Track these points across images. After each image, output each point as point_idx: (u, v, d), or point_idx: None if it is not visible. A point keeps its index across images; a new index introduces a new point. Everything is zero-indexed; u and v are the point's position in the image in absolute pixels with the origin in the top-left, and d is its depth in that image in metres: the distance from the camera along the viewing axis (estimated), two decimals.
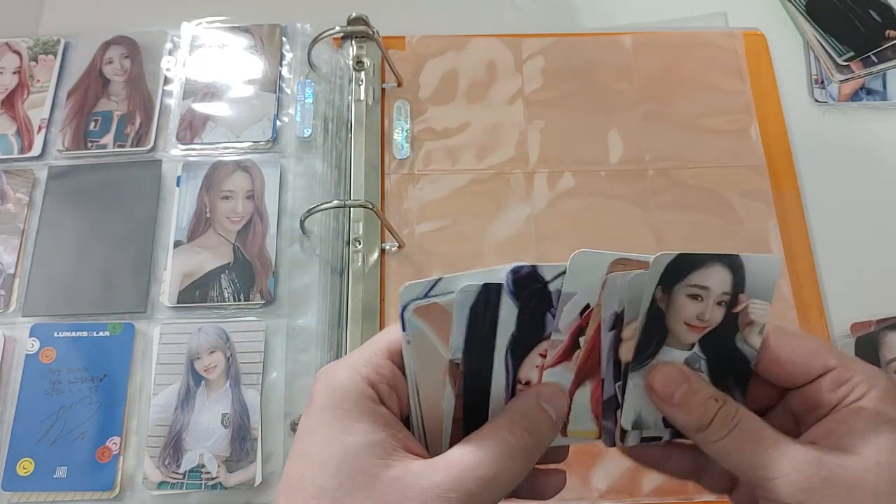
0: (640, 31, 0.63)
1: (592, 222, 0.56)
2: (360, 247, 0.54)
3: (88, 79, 0.61)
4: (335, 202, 0.54)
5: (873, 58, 0.61)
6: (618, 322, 0.32)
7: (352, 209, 0.55)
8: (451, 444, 0.31)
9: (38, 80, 0.61)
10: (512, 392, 0.32)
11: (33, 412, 0.50)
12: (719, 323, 0.33)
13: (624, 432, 0.35)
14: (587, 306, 0.31)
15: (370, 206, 0.53)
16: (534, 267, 0.30)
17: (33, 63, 0.62)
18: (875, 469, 0.30)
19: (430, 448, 0.32)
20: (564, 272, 0.30)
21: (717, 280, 0.33)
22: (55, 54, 0.62)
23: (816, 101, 0.61)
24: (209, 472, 0.49)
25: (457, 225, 0.56)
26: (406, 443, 0.31)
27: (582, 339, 0.32)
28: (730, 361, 0.34)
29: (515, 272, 0.30)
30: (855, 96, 0.61)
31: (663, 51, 0.62)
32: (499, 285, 0.30)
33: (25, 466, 0.49)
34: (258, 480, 0.48)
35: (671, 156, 0.58)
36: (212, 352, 0.52)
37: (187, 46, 0.62)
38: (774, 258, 0.33)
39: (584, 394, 0.34)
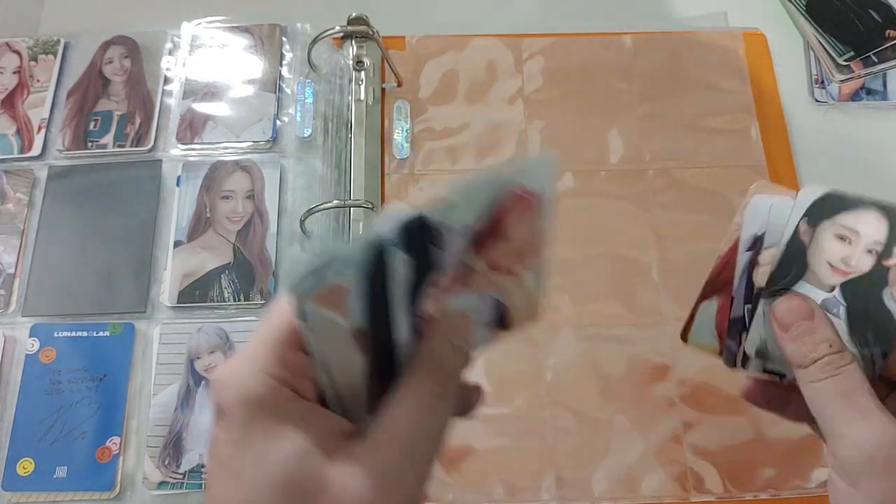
0: (641, 31, 0.63)
1: (592, 222, 0.56)
2: None
3: (88, 79, 0.61)
4: (335, 202, 0.54)
5: (873, 58, 0.61)
6: (757, 244, 0.33)
7: (352, 209, 0.55)
8: (371, 404, 0.30)
9: (38, 80, 0.61)
10: (416, 330, 0.31)
11: (33, 412, 0.50)
12: (867, 272, 0.33)
13: (746, 358, 0.34)
14: (469, 227, 0.30)
15: (370, 207, 0.53)
16: (412, 212, 0.29)
17: (33, 63, 0.62)
18: None
19: (352, 414, 0.31)
20: (444, 203, 0.29)
21: (870, 227, 0.33)
22: (55, 54, 0.62)
23: (817, 100, 0.61)
24: None
25: None
26: (335, 427, 0.29)
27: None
28: (873, 316, 0.33)
29: (401, 224, 0.29)
30: (855, 96, 0.61)
31: (664, 51, 0.62)
32: (384, 243, 0.29)
33: (25, 466, 0.49)
34: None
35: (671, 156, 0.58)
36: (212, 351, 0.52)
37: (187, 46, 0.62)
38: None
39: (711, 308, 0.34)
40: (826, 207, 0.32)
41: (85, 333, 0.53)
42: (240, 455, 0.28)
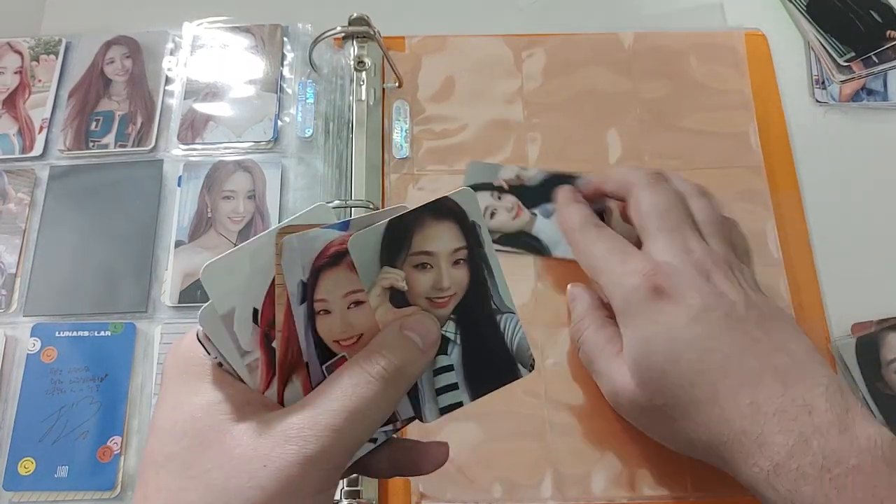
0: (640, 30, 0.63)
1: None
2: None
3: (90, 79, 0.61)
4: (336, 202, 0.54)
5: (874, 58, 0.61)
6: (306, 292, 0.29)
7: (353, 209, 0.55)
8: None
9: (40, 80, 0.61)
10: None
11: (34, 412, 0.50)
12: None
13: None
14: (255, 310, 0.29)
15: (371, 206, 0.54)
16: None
17: (35, 63, 0.62)
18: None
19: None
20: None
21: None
22: (56, 54, 0.62)
23: (817, 101, 0.61)
24: None
25: None
26: (254, 397, 0.29)
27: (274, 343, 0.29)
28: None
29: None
30: (856, 97, 0.61)
31: (663, 51, 0.62)
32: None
33: (26, 466, 0.49)
34: None
35: (670, 156, 0.58)
36: None
37: (189, 46, 0.62)
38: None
39: (295, 390, 0.30)
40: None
41: (86, 333, 0.53)
42: (159, 408, 0.30)
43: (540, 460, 0.49)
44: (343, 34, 0.60)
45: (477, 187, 0.56)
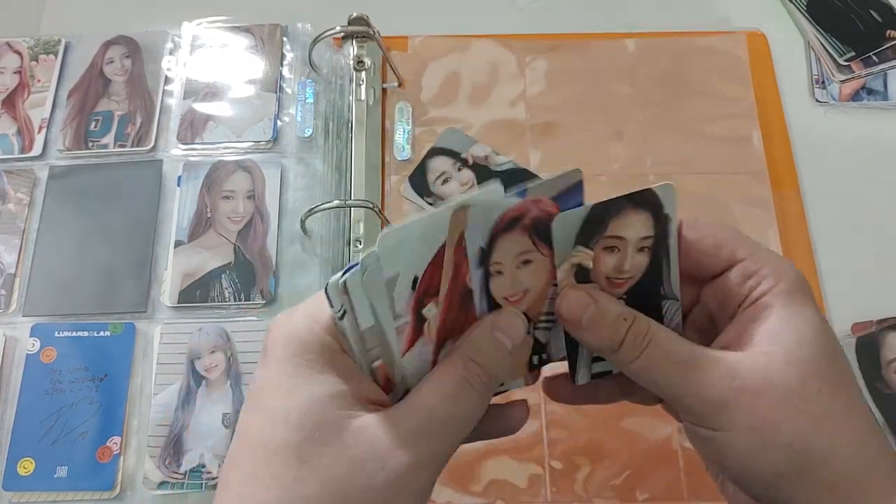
0: (642, 31, 0.63)
1: None
2: (360, 247, 0.54)
3: (89, 78, 0.61)
4: (336, 202, 0.54)
5: (874, 58, 0.61)
6: (484, 258, 0.31)
7: (352, 209, 0.55)
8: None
9: (39, 80, 0.61)
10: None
11: (34, 412, 0.50)
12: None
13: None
14: (415, 278, 0.30)
15: (371, 206, 0.53)
16: (349, 268, 0.29)
17: (34, 63, 0.62)
18: (784, 369, 0.30)
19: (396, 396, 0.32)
20: (377, 260, 0.29)
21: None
22: (56, 54, 0.62)
23: (817, 101, 0.61)
24: (210, 472, 0.49)
25: None
26: (369, 393, 0.30)
27: (429, 309, 0.31)
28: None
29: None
30: (856, 96, 0.61)
31: (666, 54, 0.62)
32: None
33: (26, 466, 0.49)
34: None
35: (673, 161, 0.58)
36: (212, 352, 0.52)
37: (188, 46, 0.62)
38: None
39: (424, 360, 0.32)
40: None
41: (86, 333, 0.53)
42: (270, 389, 0.29)
43: (536, 465, 0.49)
44: (342, 34, 0.60)
45: (442, 151, 0.58)
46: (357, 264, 0.29)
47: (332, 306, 0.30)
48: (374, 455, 0.28)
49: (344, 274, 0.29)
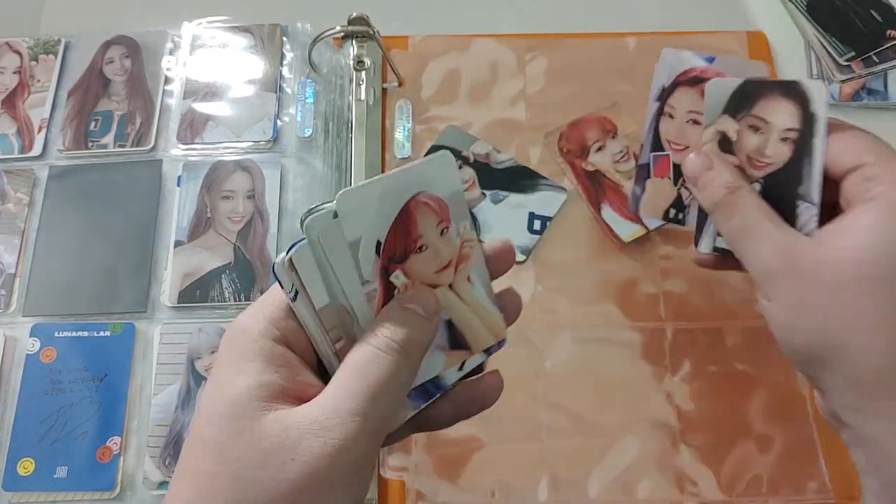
0: (643, 31, 0.63)
1: (591, 225, 0.56)
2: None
3: (89, 78, 0.61)
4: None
5: (874, 58, 0.61)
6: (664, 95, 0.35)
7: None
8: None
9: (39, 80, 0.61)
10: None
11: (34, 412, 0.50)
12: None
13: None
14: (378, 242, 0.30)
15: None
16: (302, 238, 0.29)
17: (34, 63, 0.62)
18: (838, 260, 0.32)
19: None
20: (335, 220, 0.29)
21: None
22: (56, 54, 0.62)
23: None
24: None
25: None
26: (302, 386, 0.30)
27: (396, 276, 0.31)
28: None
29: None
30: (856, 96, 0.61)
31: None
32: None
33: (26, 466, 0.49)
34: None
35: None
36: (212, 351, 0.52)
37: (188, 46, 0.62)
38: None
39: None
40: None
41: (85, 333, 0.53)
42: (209, 382, 0.30)
43: (536, 463, 0.49)
44: (342, 34, 0.60)
45: (443, 149, 0.57)
46: (301, 239, 0.29)
47: (282, 286, 0.29)
48: (284, 445, 0.27)
49: (289, 251, 0.29)
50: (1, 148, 0.59)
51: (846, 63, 0.61)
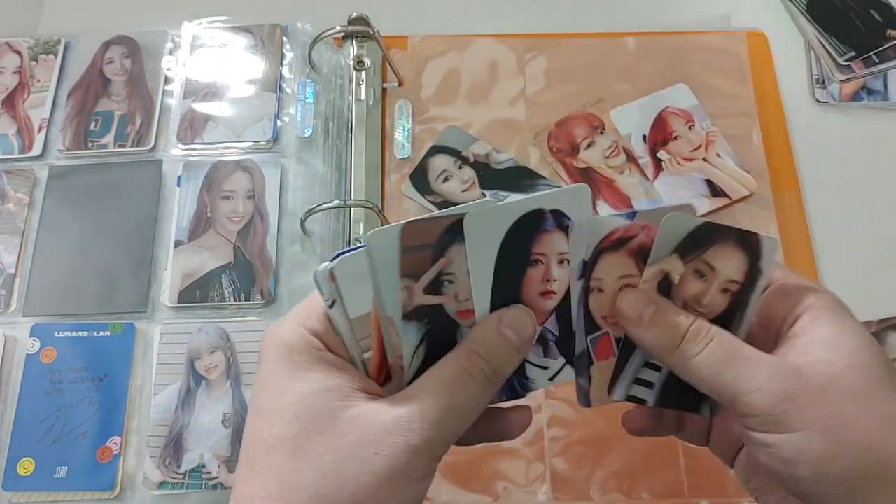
0: (643, 31, 0.63)
1: None
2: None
3: (89, 78, 0.61)
4: (336, 202, 0.54)
5: (874, 58, 0.61)
6: (585, 271, 0.32)
7: (352, 209, 0.55)
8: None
9: (39, 80, 0.61)
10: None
11: (34, 412, 0.50)
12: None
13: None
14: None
15: (371, 206, 0.53)
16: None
17: (34, 63, 0.62)
18: (847, 372, 0.30)
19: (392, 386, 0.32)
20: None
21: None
22: (56, 54, 0.62)
23: (817, 101, 0.61)
24: (210, 472, 0.49)
25: None
26: (363, 385, 0.30)
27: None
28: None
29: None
30: (856, 96, 0.61)
31: (666, 53, 0.62)
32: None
33: (26, 466, 0.49)
34: None
35: None
36: (212, 352, 0.52)
37: (188, 46, 0.62)
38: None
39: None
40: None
41: (85, 333, 0.53)
42: (264, 392, 0.31)
43: (537, 463, 0.49)
44: (342, 34, 0.60)
45: (443, 149, 0.58)
46: (350, 249, 0.30)
47: (321, 293, 0.30)
48: (367, 440, 0.28)
49: (332, 261, 0.30)
50: (1, 148, 0.59)
51: (846, 63, 0.61)
